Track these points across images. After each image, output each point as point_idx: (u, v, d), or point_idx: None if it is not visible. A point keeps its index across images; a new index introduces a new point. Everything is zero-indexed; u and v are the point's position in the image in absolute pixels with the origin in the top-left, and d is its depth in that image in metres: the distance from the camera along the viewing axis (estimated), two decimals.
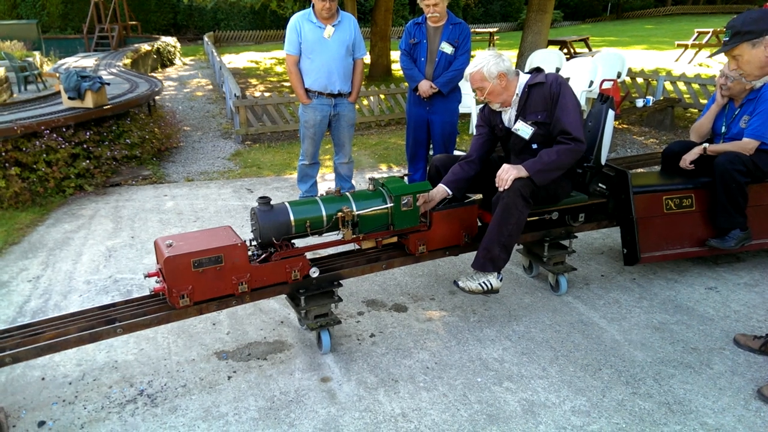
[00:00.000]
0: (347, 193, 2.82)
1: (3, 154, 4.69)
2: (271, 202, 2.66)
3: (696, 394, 2.48)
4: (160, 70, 15.29)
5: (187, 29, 26.65)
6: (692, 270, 3.64)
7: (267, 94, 7.95)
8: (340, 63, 4.27)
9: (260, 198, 2.64)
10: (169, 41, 17.12)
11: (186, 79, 13.76)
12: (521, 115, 2.97)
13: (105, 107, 5.71)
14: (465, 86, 6.69)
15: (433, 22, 4.26)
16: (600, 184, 3.40)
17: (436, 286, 3.48)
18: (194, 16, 26.57)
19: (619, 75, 7.52)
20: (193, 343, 2.89)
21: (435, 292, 3.41)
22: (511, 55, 16.32)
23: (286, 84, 12.01)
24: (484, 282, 2.88)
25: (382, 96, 8.38)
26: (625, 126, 7.75)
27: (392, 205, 2.82)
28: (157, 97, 8.03)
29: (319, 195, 2.82)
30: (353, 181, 4.83)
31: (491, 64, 2.87)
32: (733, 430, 2.27)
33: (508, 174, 2.79)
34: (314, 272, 2.70)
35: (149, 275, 2.53)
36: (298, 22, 4.21)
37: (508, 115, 3.05)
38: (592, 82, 7.18)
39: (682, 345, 2.84)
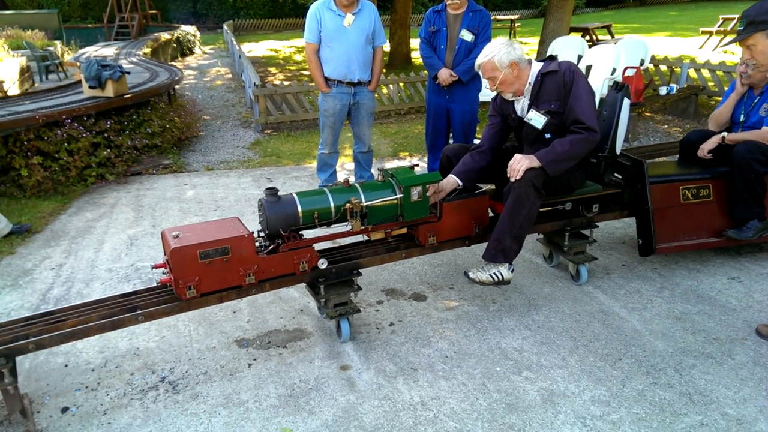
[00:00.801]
0: (356, 184, 2.79)
1: (25, 143, 4.78)
2: (279, 193, 2.64)
3: (717, 385, 2.43)
4: (179, 59, 15.39)
5: (207, 18, 26.75)
6: (714, 260, 3.57)
7: (286, 83, 7.96)
8: (359, 51, 4.24)
9: (267, 189, 2.61)
10: (189, 30, 17.20)
11: (206, 68, 13.83)
12: (534, 104, 2.91)
13: (125, 96, 5.77)
14: None
15: (454, 9, 4.21)
16: (616, 174, 3.34)
17: (456, 275, 3.46)
18: (214, 5, 26.66)
19: (642, 62, 7.35)
20: (214, 330, 2.92)
21: (454, 281, 3.39)
22: (532, 43, 16.12)
23: (306, 73, 12.00)
24: (495, 273, 2.86)
25: (401, 84, 8.33)
26: (648, 114, 7.59)
27: (402, 195, 2.78)
28: (177, 86, 8.09)
29: (327, 186, 2.80)
30: (373, 170, 4.82)
31: (502, 53, 2.81)
32: (754, 421, 2.23)
33: (519, 164, 2.75)
34: (323, 263, 2.68)
35: (156, 266, 2.54)
36: (318, 10, 4.19)
37: (521, 105, 3.00)
38: (614, 70, 7.03)
39: (703, 335, 2.79)
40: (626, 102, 3.14)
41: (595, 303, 3.11)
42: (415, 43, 13.51)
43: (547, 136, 2.91)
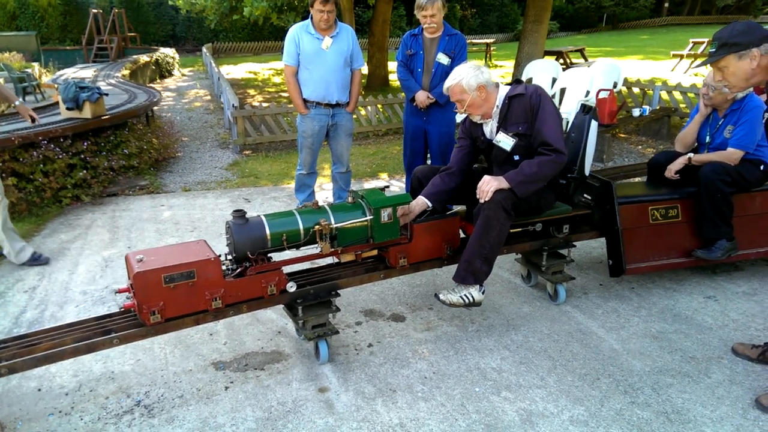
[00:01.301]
0: (325, 206, 2.78)
1: (0, 164, 4.69)
2: (246, 215, 2.61)
3: (694, 404, 2.47)
4: (158, 80, 15.34)
5: (186, 40, 26.78)
6: (691, 279, 3.65)
7: (265, 105, 7.98)
8: (338, 74, 4.29)
9: (235, 211, 2.58)
10: (168, 52, 17.20)
11: (184, 89, 13.81)
12: (502, 126, 2.95)
13: (103, 117, 5.72)
14: None
15: (430, 33, 4.29)
16: (585, 195, 3.39)
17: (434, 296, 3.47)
18: (193, 28, 26.71)
19: (615, 85, 7.56)
20: (190, 353, 2.88)
21: (433, 301, 3.40)
22: (507, 66, 16.46)
23: (284, 94, 12.05)
24: (465, 295, 2.85)
25: (379, 106, 8.42)
26: (622, 135, 7.78)
27: (372, 217, 2.77)
28: (155, 108, 8.05)
29: (296, 208, 2.78)
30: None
31: (470, 76, 2.85)
32: None
33: (489, 186, 2.77)
34: (291, 287, 2.64)
35: (120, 291, 2.49)
36: (297, 33, 4.24)
37: (489, 127, 3.03)
38: (588, 92, 7.22)
39: (680, 354, 2.84)
40: (594, 124, 3.22)
41: (573, 323, 3.15)
42: (392, 65, 13.70)
43: (516, 158, 2.95)
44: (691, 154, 3.57)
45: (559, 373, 2.69)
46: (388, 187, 3.13)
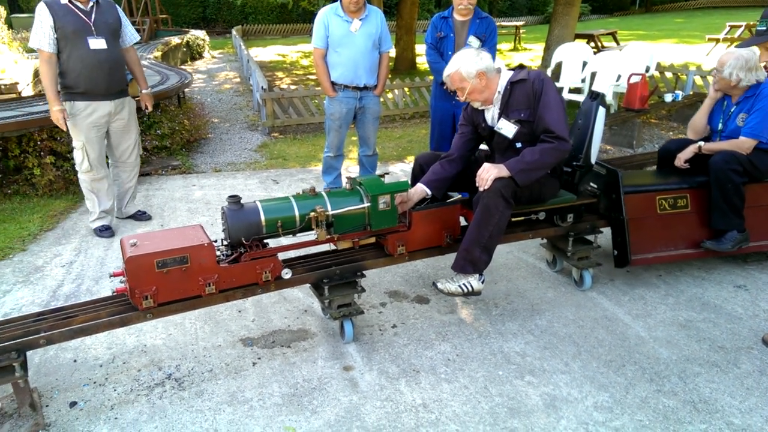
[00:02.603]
0: (323, 192, 2.73)
1: (38, 143, 4.84)
2: (242, 201, 2.57)
3: (722, 394, 2.44)
4: (189, 62, 15.52)
5: (216, 23, 26.97)
6: (720, 268, 3.58)
7: (293, 87, 8.02)
8: (366, 56, 4.29)
9: (230, 197, 2.55)
10: (199, 34, 17.35)
11: (214, 71, 13.94)
12: (504, 113, 2.88)
13: (136, 98, 5.82)
14: None
15: (463, 15, 4.25)
16: (591, 184, 3.32)
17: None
18: (223, 10, 26.87)
19: (647, 69, 7.37)
20: (220, 329, 2.96)
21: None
22: (537, 49, 16.15)
23: (312, 77, 12.08)
24: (464, 284, 2.82)
25: (406, 89, 8.38)
26: (653, 121, 7.60)
27: (369, 204, 2.72)
28: (186, 90, 8.16)
29: (294, 194, 2.74)
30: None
31: (470, 63, 2.78)
32: (760, 431, 2.23)
33: (488, 174, 2.71)
34: (286, 273, 2.63)
35: (114, 275, 2.46)
36: (326, 16, 4.24)
37: (491, 114, 2.96)
38: (620, 76, 7.06)
39: (708, 343, 2.80)
40: (602, 111, 3.13)
41: (598, 309, 3.13)
42: (420, 48, 13.58)
43: (518, 145, 2.88)
44: (701, 143, 3.46)
45: (584, 359, 2.69)
46: (387, 173, 3.07)
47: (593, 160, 3.21)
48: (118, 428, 2.27)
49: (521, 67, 2.95)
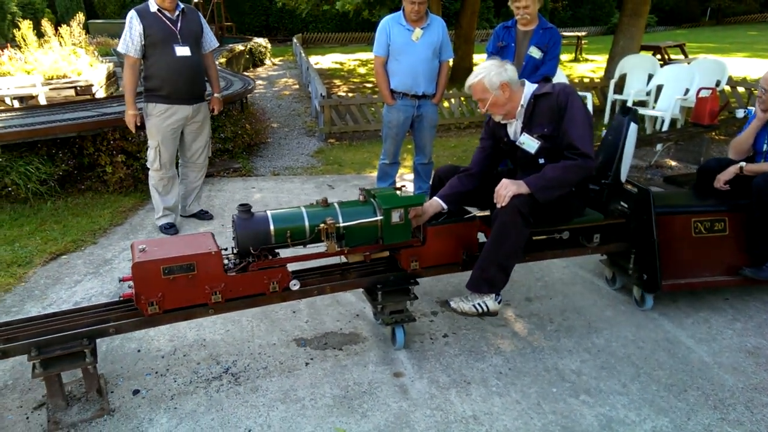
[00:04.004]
0: (335, 203, 2.66)
1: (111, 142, 5.12)
2: (252, 210, 2.53)
3: None
4: (251, 69, 16.03)
5: (278, 31, 27.76)
6: None
7: (351, 95, 8.15)
8: (426, 65, 4.31)
9: (240, 205, 2.51)
10: (261, 42, 17.91)
11: (275, 78, 14.35)
12: (527, 127, 2.77)
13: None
14: None
15: (523, 24, 4.21)
16: (622, 203, 3.17)
17: (512, 291, 3.43)
18: (285, 19, 27.64)
19: (718, 83, 7.05)
20: (275, 328, 3.03)
21: (511, 297, 3.36)
22: (598, 60, 15.73)
23: (368, 85, 12.23)
24: (479, 303, 2.71)
25: (462, 99, 8.35)
26: (723, 138, 7.25)
27: (382, 218, 2.62)
28: (249, 95, 8.43)
29: (306, 204, 2.68)
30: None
31: (493, 73, 2.68)
32: None
33: (507, 190, 2.59)
34: (294, 285, 2.58)
35: (124, 279, 2.45)
36: (388, 24, 4.30)
37: (514, 128, 2.85)
38: (688, 90, 6.79)
39: None
40: (633, 127, 2.99)
41: (660, 330, 3.01)
42: (477, 58, 13.49)
43: (541, 161, 2.77)
44: (743, 163, 3.24)
45: (643, 382, 2.59)
46: (404, 186, 3.02)
47: (623, 178, 3.07)
48: (177, 418, 2.36)
49: (546, 80, 2.85)
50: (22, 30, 9.41)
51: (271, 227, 2.49)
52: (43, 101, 7.65)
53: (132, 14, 3.85)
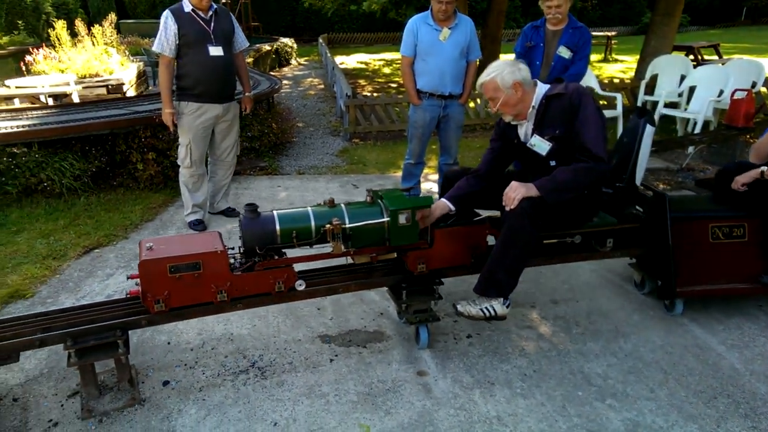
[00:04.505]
0: (341, 205, 2.65)
1: (142, 140, 5.24)
2: (258, 209, 2.54)
3: None
4: (277, 69, 16.18)
5: (304, 31, 27.96)
6: None
7: (376, 95, 8.17)
8: (453, 65, 4.30)
9: (247, 205, 2.52)
10: (287, 42, 18.06)
11: (300, 78, 14.47)
12: (538, 129, 2.72)
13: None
14: None
15: (554, 24, 4.17)
16: (637, 207, 3.08)
17: (537, 293, 3.41)
18: (311, 19, 27.81)
19: (753, 85, 6.87)
20: (300, 324, 3.07)
21: (536, 299, 3.34)
22: (628, 61, 15.46)
23: (393, 85, 12.24)
24: (486, 307, 2.67)
25: None
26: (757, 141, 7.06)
27: (388, 219, 2.61)
28: (275, 95, 8.52)
29: (314, 205, 2.68)
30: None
31: (506, 72, 2.63)
32: None
33: (515, 192, 2.54)
34: (300, 285, 2.59)
35: (131, 277, 2.47)
36: (416, 24, 4.30)
37: (525, 129, 2.80)
38: (722, 92, 6.63)
39: None
40: (649, 129, 2.92)
41: (689, 336, 2.95)
42: (504, 58, 13.38)
43: (552, 163, 2.71)
44: (764, 168, 3.14)
45: (671, 387, 2.55)
46: (413, 187, 2.97)
47: (638, 182, 3.01)
48: (205, 409, 2.41)
49: (559, 80, 2.80)
50: (57, 30, 9.67)
51: (277, 227, 2.50)
52: (76, 99, 7.86)
53: (167, 14, 3.93)
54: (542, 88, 2.73)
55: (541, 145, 2.72)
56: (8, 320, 2.44)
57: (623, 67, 14.96)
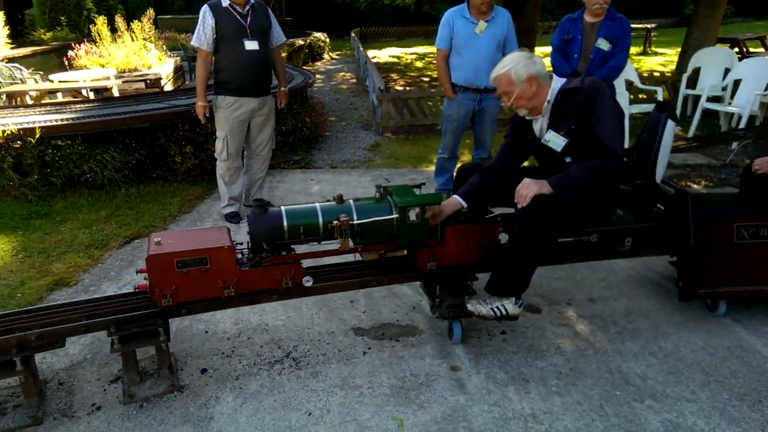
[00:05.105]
0: (350, 201, 2.63)
1: (181, 133, 5.34)
2: (266, 205, 2.55)
3: None
4: (310, 63, 16.28)
5: (337, 25, 28.04)
6: None
7: (408, 88, 8.14)
8: (489, 58, 4.25)
9: (255, 200, 2.51)
10: (320, 36, 18.13)
11: (332, 72, 14.52)
12: (553, 124, 2.64)
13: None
14: (619, 85, 6.29)
15: (596, 15, 4.08)
16: (658, 205, 2.97)
17: (574, 291, 3.35)
18: (344, 13, 27.86)
19: None
20: (333, 317, 3.09)
21: (572, 296, 3.29)
22: (669, 54, 15.01)
23: (425, 79, 12.17)
24: (498, 307, 2.61)
25: None
26: None
27: (397, 216, 2.57)
28: (308, 89, 8.58)
29: (321, 201, 2.66)
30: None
31: (521, 65, 2.55)
32: None
33: (528, 190, 2.47)
34: (307, 281, 2.58)
35: (141, 271, 2.46)
36: (452, 17, 4.27)
37: (540, 124, 2.72)
38: None
39: None
40: (670, 124, 2.80)
41: (733, 337, 2.86)
42: (539, 50, 13.16)
43: (567, 159, 2.63)
44: None
45: (714, 390, 2.47)
46: (423, 184, 2.87)
47: (659, 179, 2.91)
48: (242, 397, 2.45)
49: (575, 74, 2.71)
50: (98, 25, 9.92)
51: (285, 223, 2.49)
52: (116, 93, 8.07)
53: (205, 9, 4.00)
54: (558, 82, 2.66)
55: (556, 141, 2.64)
56: (55, 307, 2.53)
57: (663, 60, 14.53)
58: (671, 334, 2.91)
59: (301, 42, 15.54)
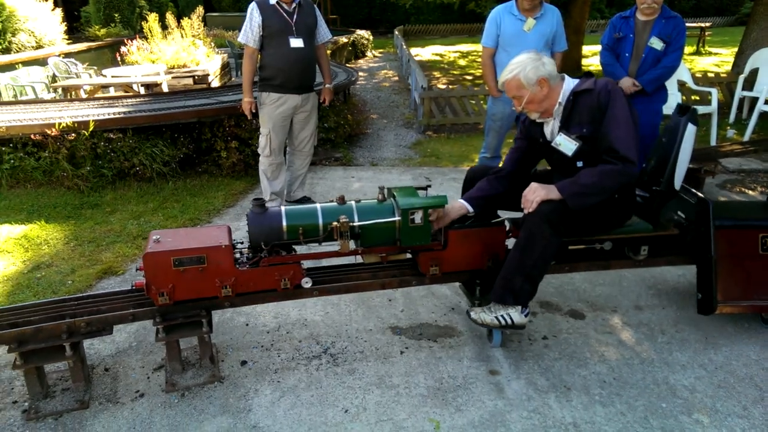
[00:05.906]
0: (352, 202, 2.57)
1: (227, 129, 5.46)
2: (267, 204, 2.52)
3: None
4: (353, 60, 16.38)
5: (380, 23, 28.10)
6: None
7: (451, 87, 8.07)
8: None
9: (255, 200, 2.50)
10: (363, 34, 18.21)
11: (375, 70, 14.56)
12: (564, 127, 2.53)
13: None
14: (671, 86, 6.07)
15: (646, 15, 3.94)
16: (679, 213, 2.81)
17: (620, 297, 3.25)
18: (387, 11, 27.90)
19: None
20: (371, 314, 3.09)
21: (618, 303, 3.19)
22: (723, 54, 14.39)
23: (468, 77, 12.06)
24: (502, 315, 2.54)
25: None
26: None
27: (399, 218, 2.52)
28: (351, 87, 8.62)
29: (324, 202, 2.61)
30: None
31: (529, 68, 2.45)
32: None
33: (535, 195, 2.40)
34: (306, 282, 2.53)
35: (140, 269, 2.42)
36: (499, 14, 4.20)
37: (551, 127, 2.62)
38: None
39: None
40: (690, 128, 2.64)
41: None
42: (587, 49, 12.83)
43: (579, 164, 2.53)
44: None
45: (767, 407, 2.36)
46: (429, 186, 2.80)
47: (677, 185, 2.76)
48: (280, 391, 2.48)
49: (588, 75, 2.59)
50: (149, 22, 10.23)
51: (284, 223, 2.47)
52: (165, 89, 8.31)
53: (253, 6, 4.06)
54: (570, 83, 2.57)
55: (567, 145, 2.54)
56: (104, 295, 2.61)
57: (718, 60, 13.94)
58: (722, 345, 2.78)
59: (345, 40, 15.64)
